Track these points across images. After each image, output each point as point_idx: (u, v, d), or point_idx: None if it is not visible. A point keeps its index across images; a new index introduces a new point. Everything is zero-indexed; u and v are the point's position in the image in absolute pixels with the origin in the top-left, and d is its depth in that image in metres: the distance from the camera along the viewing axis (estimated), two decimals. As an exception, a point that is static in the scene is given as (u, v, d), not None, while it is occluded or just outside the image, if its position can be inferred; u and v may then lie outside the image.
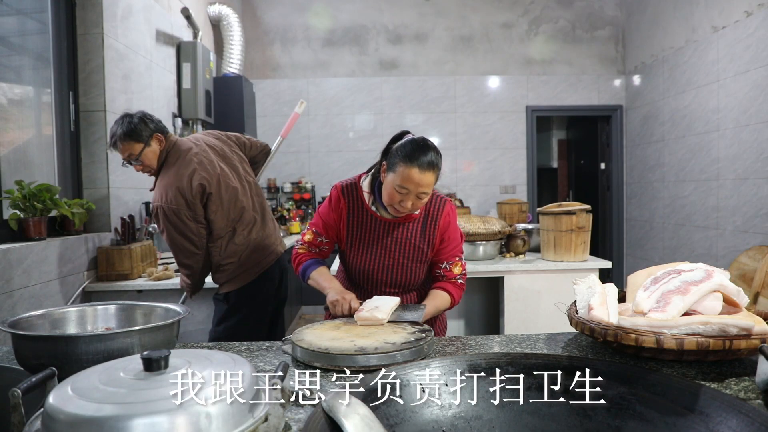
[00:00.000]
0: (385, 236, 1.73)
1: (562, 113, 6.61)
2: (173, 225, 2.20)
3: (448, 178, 6.20)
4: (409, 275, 1.78)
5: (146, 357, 0.70)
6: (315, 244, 1.82)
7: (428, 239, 1.74)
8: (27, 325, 1.14)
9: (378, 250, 1.74)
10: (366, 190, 1.72)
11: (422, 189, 1.57)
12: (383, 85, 6.12)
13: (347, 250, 1.80)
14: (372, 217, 1.73)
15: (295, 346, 1.22)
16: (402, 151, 1.58)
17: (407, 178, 1.55)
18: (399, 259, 1.74)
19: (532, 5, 6.12)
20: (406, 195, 1.58)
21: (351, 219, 1.75)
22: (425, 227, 1.74)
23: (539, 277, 3.27)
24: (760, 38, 4.02)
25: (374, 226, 1.74)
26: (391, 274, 1.76)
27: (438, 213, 1.75)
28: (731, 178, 4.38)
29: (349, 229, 1.75)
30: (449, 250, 1.78)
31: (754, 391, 0.98)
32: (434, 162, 1.57)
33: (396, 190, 1.58)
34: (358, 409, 0.68)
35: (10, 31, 2.79)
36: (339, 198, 1.75)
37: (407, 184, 1.55)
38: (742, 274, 3.43)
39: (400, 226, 1.73)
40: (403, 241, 1.73)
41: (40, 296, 2.40)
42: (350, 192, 1.75)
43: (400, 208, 1.62)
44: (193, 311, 2.81)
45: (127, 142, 2.21)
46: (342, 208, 1.75)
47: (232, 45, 4.95)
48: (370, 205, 1.73)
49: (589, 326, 1.14)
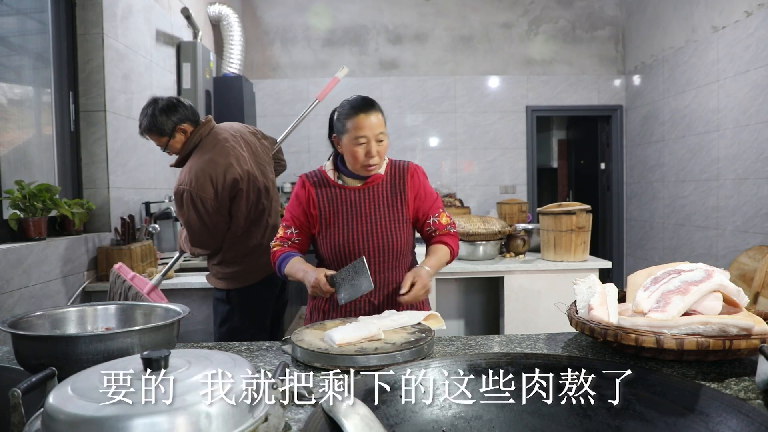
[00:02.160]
0: (357, 204, 1.77)
1: (562, 113, 6.61)
2: (196, 211, 2.16)
3: (448, 178, 6.20)
4: (391, 238, 1.76)
5: (146, 357, 0.70)
6: (286, 237, 1.83)
7: (400, 196, 1.78)
8: (27, 325, 1.14)
9: (354, 219, 1.75)
10: (329, 168, 1.80)
11: (377, 130, 1.66)
12: (383, 85, 6.12)
13: (324, 231, 1.78)
14: (340, 189, 1.77)
15: (295, 346, 1.22)
16: (341, 111, 1.71)
17: (358, 126, 1.66)
18: (377, 222, 1.76)
19: (532, 5, 6.12)
20: (368, 143, 1.67)
21: (320, 198, 1.77)
22: (394, 186, 1.79)
23: (539, 277, 3.27)
24: (760, 38, 4.02)
25: (344, 197, 1.77)
26: (373, 240, 1.75)
27: (403, 171, 1.81)
28: (731, 178, 4.38)
29: (320, 208, 1.77)
30: (429, 204, 1.82)
31: (754, 391, 0.98)
32: (373, 103, 1.70)
33: (356, 143, 1.67)
34: (358, 409, 0.68)
35: (10, 31, 2.79)
36: (303, 183, 1.80)
37: (362, 131, 1.66)
38: (742, 274, 3.43)
39: (370, 191, 1.77)
40: (376, 203, 1.77)
41: (40, 296, 2.40)
42: (314, 175, 1.81)
43: (368, 162, 1.68)
44: (193, 311, 2.81)
45: (151, 135, 2.22)
46: (309, 190, 1.78)
47: (232, 45, 4.95)
48: (336, 180, 1.78)
49: (589, 326, 1.14)
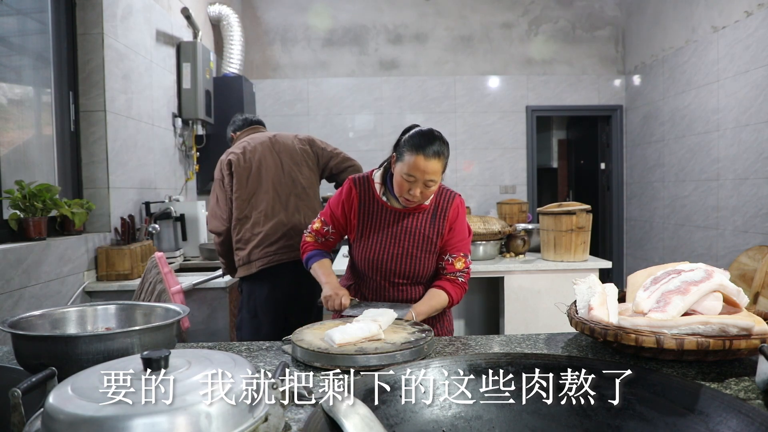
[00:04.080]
0: (394, 225, 1.78)
1: (562, 113, 6.61)
2: (214, 188, 2.62)
3: (448, 178, 6.18)
4: (418, 265, 1.79)
5: (146, 357, 0.70)
6: (321, 233, 1.90)
7: (437, 229, 1.78)
8: (27, 325, 1.14)
9: (388, 239, 1.78)
10: (377, 181, 1.80)
11: (429, 176, 1.63)
12: (383, 85, 6.12)
13: (357, 241, 1.83)
14: (382, 206, 1.79)
15: (295, 346, 1.22)
16: (409, 141, 1.65)
17: (414, 166, 1.61)
18: (408, 248, 1.77)
19: (532, 5, 6.12)
20: (414, 183, 1.64)
21: (362, 209, 1.80)
22: (434, 218, 1.78)
23: (539, 277, 3.27)
24: (760, 38, 4.02)
25: (384, 215, 1.79)
26: (400, 264, 1.79)
27: (447, 205, 1.80)
28: (731, 178, 4.38)
29: (360, 218, 1.80)
30: (454, 243, 1.81)
31: (754, 391, 0.98)
32: (440, 150, 1.64)
33: (404, 178, 1.64)
34: (358, 409, 0.68)
35: (10, 31, 2.79)
36: (351, 189, 1.82)
37: (414, 172, 1.62)
38: (742, 274, 3.43)
39: (410, 216, 1.78)
40: (413, 231, 1.77)
41: (40, 296, 2.40)
42: (362, 184, 1.82)
43: (409, 197, 1.67)
44: (193, 311, 2.81)
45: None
46: (353, 198, 1.81)
47: (232, 45, 4.95)
48: (381, 196, 1.79)
49: (589, 326, 1.14)
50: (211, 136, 4.44)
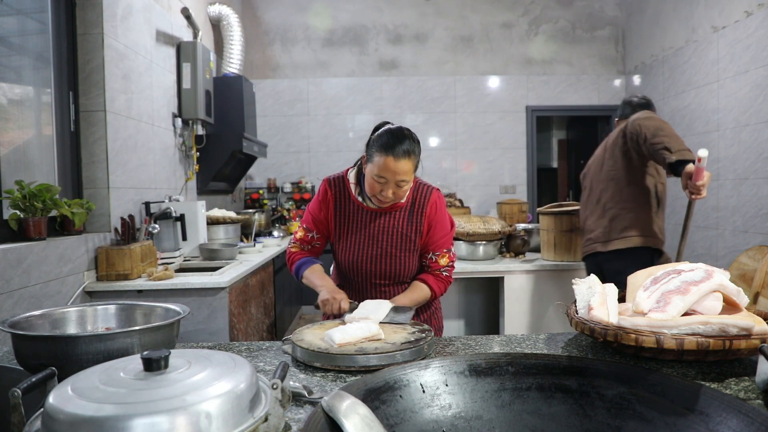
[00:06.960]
0: (371, 225, 1.73)
1: (562, 113, 6.61)
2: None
3: (448, 178, 6.20)
4: (399, 265, 1.75)
5: (146, 357, 0.70)
6: (307, 240, 1.83)
7: (415, 227, 1.73)
8: (27, 325, 1.14)
9: (365, 240, 1.74)
10: (352, 181, 1.75)
11: (400, 177, 1.59)
12: (383, 85, 6.12)
13: (336, 243, 1.80)
14: (358, 207, 1.74)
15: (295, 346, 1.22)
16: (378, 141, 1.60)
17: (383, 167, 1.57)
18: (387, 248, 1.73)
19: (532, 5, 6.12)
20: (385, 184, 1.60)
21: (338, 210, 1.76)
22: (412, 215, 1.74)
23: (539, 277, 3.27)
24: (760, 38, 4.02)
25: (360, 216, 1.74)
26: (381, 265, 1.75)
27: (425, 200, 1.74)
28: (731, 178, 4.38)
29: (336, 219, 1.76)
30: (436, 240, 1.76)
31: (754, 391, 0.98)
32: (409, 150, 1.59)
33: (375, 180, 1.60)
34: (358, 409, 0.68)
35: (10, 31, 2.79)
36: (326, 190, 1.77)
37: (384, 173, 1.58)
38: (742, 274, 3.43)
39: (387, 215, 1.74)
40: (390, 230, 1.73)
41: (40, 296, 2.40)
42: (337, 184, 1.77)
43: (381, 198, 1.63)
44: (193, 311, 2.81)
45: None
46: (329, 200, 1.76)
47: (232, 45, 4.95)
48: (356, 196, 1.74)
49: (589, 326, 1.14)
50: (211, 136, 4.44)
